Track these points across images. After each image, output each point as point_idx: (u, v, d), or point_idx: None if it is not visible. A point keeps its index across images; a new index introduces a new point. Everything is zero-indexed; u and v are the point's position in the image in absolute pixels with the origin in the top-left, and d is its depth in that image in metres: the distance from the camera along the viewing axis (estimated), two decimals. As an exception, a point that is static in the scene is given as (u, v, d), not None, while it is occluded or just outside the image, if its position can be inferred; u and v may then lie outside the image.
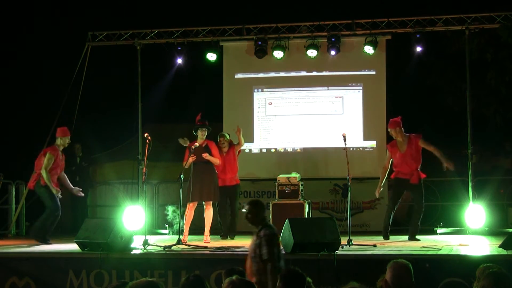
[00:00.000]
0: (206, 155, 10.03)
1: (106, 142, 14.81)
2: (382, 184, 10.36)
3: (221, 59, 12.90)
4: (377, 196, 10.54)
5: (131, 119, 12.97)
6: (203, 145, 10.19)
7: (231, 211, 11.06)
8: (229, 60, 13.02)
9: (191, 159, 9.80)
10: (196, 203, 10.12)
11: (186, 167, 9.87)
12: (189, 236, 10.10)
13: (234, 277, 4.12)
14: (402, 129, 10.31)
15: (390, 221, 10.34)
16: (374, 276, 4.94)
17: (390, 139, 12.31)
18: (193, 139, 10.29)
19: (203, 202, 10.16)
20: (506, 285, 4.52)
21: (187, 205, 10.00)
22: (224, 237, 10.86)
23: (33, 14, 16.69)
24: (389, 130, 10.40)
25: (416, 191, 10.35)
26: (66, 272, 8.43)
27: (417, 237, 10.19)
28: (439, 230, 11.31)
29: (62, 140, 10.21)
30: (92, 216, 12.72)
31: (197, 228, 11.88)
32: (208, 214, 10.19)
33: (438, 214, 12.48)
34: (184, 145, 10.25)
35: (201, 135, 10.20)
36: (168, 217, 11.67)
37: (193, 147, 9.79)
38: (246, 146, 12.81)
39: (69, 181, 10.59)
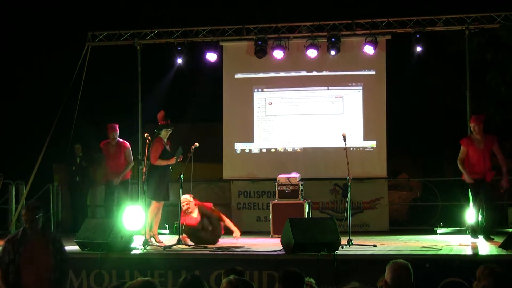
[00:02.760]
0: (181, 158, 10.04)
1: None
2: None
3: (221, 59, 12.90)
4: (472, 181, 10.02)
5: (131, 119, 12.98)
6: (168, 145, 10.18)
7: None
8: (229, 60, 13.02)
9: (174, 160, 9.86)
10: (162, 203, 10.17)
11: (158, 164, 9.86)
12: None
13: (231, 277, 4.11)
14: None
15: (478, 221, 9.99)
16: (374, 276, 4.95)
17: (390, 139, 12.33)
18: (194, 139, 10.15)
19: (162, 202, 10.18)
20: (506, 285, 4.52)
21: (155, 204, 9.99)
22: None
23: (33, 14, 16.68)
24: (472, 125, 10.10)
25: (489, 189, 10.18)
26: (66, 272, 8.42)
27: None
28: (439, 230, 11.30)
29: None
30: (92, 216, 12.72)
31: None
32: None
33: (438, 214, 12.48)
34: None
35: (166, 134, 10.12)
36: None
37: (193, 147, 9.75)
38: (246, 146, 12.83)
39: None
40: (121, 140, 11.12)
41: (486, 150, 10.03)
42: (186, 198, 9.74)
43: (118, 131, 11.13)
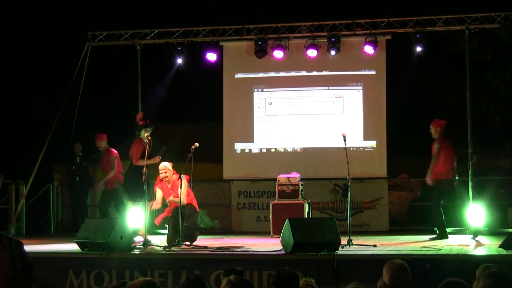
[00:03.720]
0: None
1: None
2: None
3: (221, 59, 12.90)
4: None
5: (131, 119, 12.97)
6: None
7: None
8: (229, 60, 13.01)
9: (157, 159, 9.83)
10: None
11: (140, 164, 9.80)
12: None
13: (231, 277, 4.10)
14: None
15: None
16: (374, 276, 4.94)
17: (390, 139, 12.34)
18: (194, 139, 10.12)
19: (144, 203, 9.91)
20: (506, 285, 4.52)
21: (148, 204, 9.82)
22: None
23: (33, 14, 16.69)
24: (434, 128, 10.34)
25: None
26: (66, 272, 8.44)
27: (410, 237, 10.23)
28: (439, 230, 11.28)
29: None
30: (92, 216, 12.72)
31: (197, 228, 11.88)
32: None
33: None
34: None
35: (146, 134, 10.06)
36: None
37: (193, 147, 9.73)
38: (246, 146, 12.83)
39: None
40: (108, 147, 11.22)
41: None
42: (165, 165, 9.74)
43: (105, 140, 11.20)
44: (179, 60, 12.78)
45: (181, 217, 9.24)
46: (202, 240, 9.95)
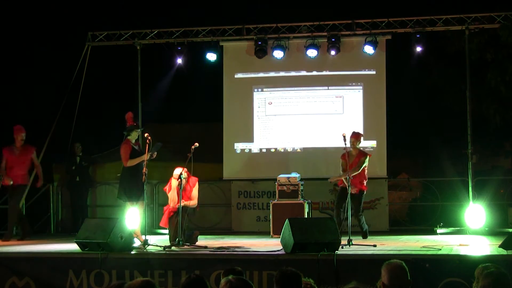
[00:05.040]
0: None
1: (106, 142, 14.80)
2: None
3: (221, 59, 12.90)
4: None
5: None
6: (137, 146, 10.04)
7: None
8: (229, 60, 13.02)
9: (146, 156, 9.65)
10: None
11: (130, 164, 9.68)
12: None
13: (230, 277, 4.10)
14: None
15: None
16: (374, 276, 4.94)
17: (390, 139, 12.34)
18: (194, 139, 10.11)
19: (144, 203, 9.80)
20: (505, 284, 4.52)
21: (142, 204, 9.72)
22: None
23: (33, 14, 16.69)
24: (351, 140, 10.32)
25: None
26: (66, 272, 8.42)
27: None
28: (439, 230, 11.30)
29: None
30: (92, 216, 12.72)
31: (197, 228, 11.88)
32: None
33: (438, 214, 12.49)
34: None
35: (135, 136, 9.92)
36: None
37: (193, 147, 9.72)
38: (246, 146, 12.83)
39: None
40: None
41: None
42: (179, 170, 9.53)
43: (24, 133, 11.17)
44: (179, 60, 12.79)
45: (183, 217, 9.26)
46: (202, 240, 9.96)
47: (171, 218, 9.71)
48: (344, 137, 9.62)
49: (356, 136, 10.43)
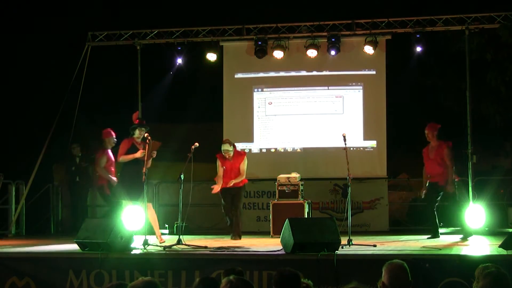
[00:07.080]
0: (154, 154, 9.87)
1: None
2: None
3: (221, 59, 12.91)
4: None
5: (131, 119, 12.97)
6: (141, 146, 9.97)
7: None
8: (229, 60, 13.02)
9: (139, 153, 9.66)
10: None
11: (122, 160, 9.75)
12: (189, 236, 10.07)
13: (231, 277, 4.10)
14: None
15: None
16: (374, 276, 4.94)
17: (390, 139, 12.33)
18: (194, 139, 10.11)
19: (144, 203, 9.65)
20: (505, 284, 4.52)
21: (147, 205, 9.63)
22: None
23: (33, 14, 16.69)
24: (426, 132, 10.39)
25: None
26: (66, 272, 8.42)
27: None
28: (439, 230, 11.28)
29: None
30: (92, 216, 12.72)
31: (198, 228, 11.91)
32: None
33: (438, 214, 12.46)
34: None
35: (140, 134, 9.90)
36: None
37: (193, 147, 9.71)
38: (246, 146, 12.84)
39: None
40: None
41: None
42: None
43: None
44: (179, 60, 12.80)
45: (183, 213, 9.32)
46: (202, 240, 9.96)
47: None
48: (344, 137, 9.60)
49: (430, 128, 10.37)
